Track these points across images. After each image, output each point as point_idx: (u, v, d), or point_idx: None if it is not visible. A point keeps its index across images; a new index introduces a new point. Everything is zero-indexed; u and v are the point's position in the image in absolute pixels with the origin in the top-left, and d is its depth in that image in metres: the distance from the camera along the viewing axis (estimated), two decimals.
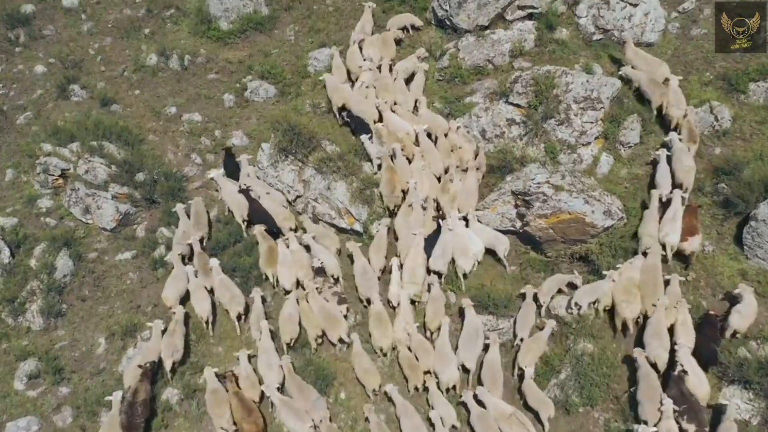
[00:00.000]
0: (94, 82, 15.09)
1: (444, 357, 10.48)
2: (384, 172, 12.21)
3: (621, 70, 13.00)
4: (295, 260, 11.54)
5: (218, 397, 10.09)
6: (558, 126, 12.46)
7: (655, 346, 9.94)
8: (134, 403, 9.99)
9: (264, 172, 13.05)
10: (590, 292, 10.80)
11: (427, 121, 12.76)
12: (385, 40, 14.46)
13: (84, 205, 12.64)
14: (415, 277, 11.23)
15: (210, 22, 15.90)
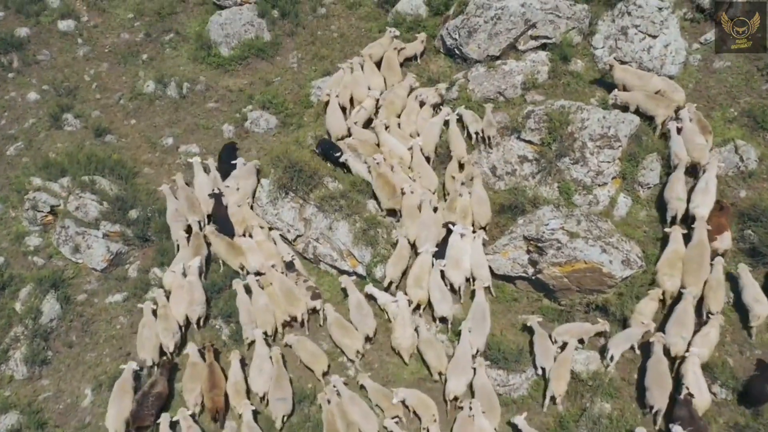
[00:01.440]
0: (88, 111, 14.52)
1: (458, 365, 10.21)
2: (375, 180, 11.95)
3: (611, 96, 12.31)
4: (264, 249, 11.62)
5: (194, 372, 10.20)
6: (573, 165, 11.79)
7: (673, 333, 9.88)
8: (148, 395, 9.95)
9: (263, 210, 12.42)
10: (625, 340, 10.18)
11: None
12: (390, 63, 13.89)
13: (74, 244, 12.04)
14: (420, 282, 11.01)
15: (210, 47, 15.35)
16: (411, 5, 15.00)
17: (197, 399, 10.07)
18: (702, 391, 9.47)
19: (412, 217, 11.72)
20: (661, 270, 10.50)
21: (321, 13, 15.66)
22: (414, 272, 11.20)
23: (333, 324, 10.85)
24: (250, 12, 15.52)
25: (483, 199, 11.83)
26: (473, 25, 13.56)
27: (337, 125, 12.95)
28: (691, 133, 11.52)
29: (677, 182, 11.09)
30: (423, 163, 12.49)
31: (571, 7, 13.44)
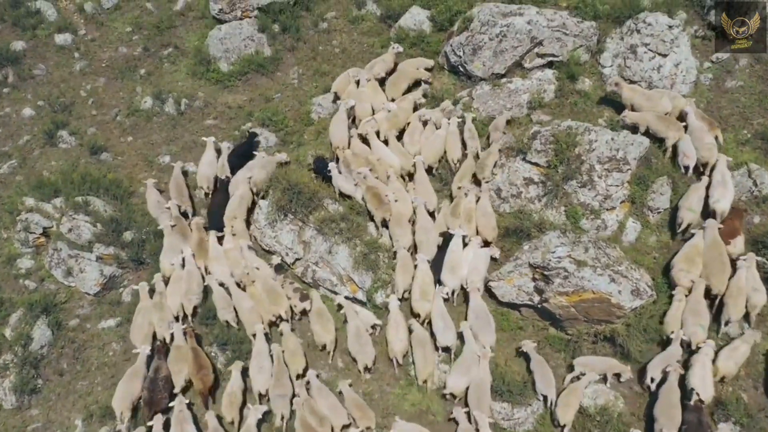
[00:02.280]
0: (84, 128, 14.19)
1: (463, 364, 10.18)
2: (365, 193, 11.79)
3: (622, 116, 12.02)
4: (230, 257, 11.53)
5: (179, 354, 10.35)
6: (580, 188, 11.43)
7: (691, 323, 9.90)
8: (156, 380, 10.09)
9: (261, 232, 12.08)
10: (663, 361, 9.84)
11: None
12: (396, 82, 13.61)
13: (66, 267, 11.70)
14: (427, 295, 10.87)
15: (209, 63, 15.01)
16: (414, 21, 14.66)
17: (184, 380, 10.22)
18: (706, 385, 9.40)
19: (400, 224, 11.53)
20: (677, 265, 10.41)
21: (322, 27, 15.32)
22: (418, 285, 10.99)
23: (314, 312, 10.98)
24: (250, 26, 15.18)
25: (488, 213, 11.54)
26: (478, 43, 13.22)
27: (339, 135, 12.68)
28: (699, 132, 11.37)
29: (694, 193, 10.94)
30: (424, 180, 12.22)
31: (578, 24, 13.09)
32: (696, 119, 11.60)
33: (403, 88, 13.64)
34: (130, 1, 16.60)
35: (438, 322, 10.65)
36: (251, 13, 15.31)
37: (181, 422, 9.70)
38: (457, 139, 12.50)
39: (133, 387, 10.11)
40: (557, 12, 13.29)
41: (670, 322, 10.09)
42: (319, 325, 10.85)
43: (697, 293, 10.13)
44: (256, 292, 11.12)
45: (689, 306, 10.06)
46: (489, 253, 11.27)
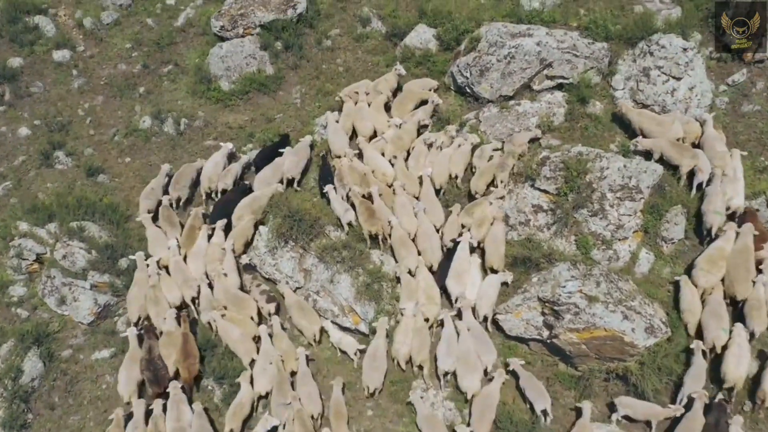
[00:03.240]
0: (81, 148, 13.84)
1: (468, 363, 9.99)
2: (358, 205, 11.67)
3: (633, 142, 11.66)
4: (209, 253, 11.47)
5: (170, 340, 10.43)
6: (591, 217, 11.02)
7: (713, 327, 9.70)
8: (152, 359, 10.21)
9: (261, 260, 11.70)
10: (695, 379, 9.50)
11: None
12: (402, 102, 13.31)
13: (59, 295, 11.35)
14: (434, 299, 10.76)
15: (210, 81, 14.66)
16: (420, 39, 14.29)
17: (172, 366, 10.22)
18: (740, 364, 9.28)
19: (405, 245, 11.26)
20: (698, 265, 10.24)
21: (326, 45, 14.96)
22: (423, 290, 10.84)
23: (293, 306, 10.92)
24: (252, 44, 14.82)
25: (499, 240, 11.17)
26: (485, 64, 12.84)
27: (338, 143, 12.70)
28: (712, 140, 11.23)
29: (715, 195, 10.65)
30: (432, 196, 11.88)
31: (589, 45, 12.70)
32: (713, 129, 11.43)
33: (410, 109, 13.29)
34: (130, 17, 16.28)
35: (442, 346, 10.35)
36: (253, 30, 14.97)
37: (178, 403, 9.82)
38: (465, 159, 12.16)
39: (135, 371, 10.22)
40: (567, 33, 12.91)
41: (691, 309, 10.07)
42: (305, 320, 10.83)
43: (717, 295, 9.98)
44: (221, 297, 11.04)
45: (709, 308, 9.88)
46: (500, 280, 10.89)
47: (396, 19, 14.82)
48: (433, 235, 11.36)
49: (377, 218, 11.44)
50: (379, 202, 11.67)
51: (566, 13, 13.47)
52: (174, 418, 9.71)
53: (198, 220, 11.94)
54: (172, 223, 12.01)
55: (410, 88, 13.49)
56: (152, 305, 10.91)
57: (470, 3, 14.65)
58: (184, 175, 12.66)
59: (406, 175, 12.21)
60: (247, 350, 10.50)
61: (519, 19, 13.49)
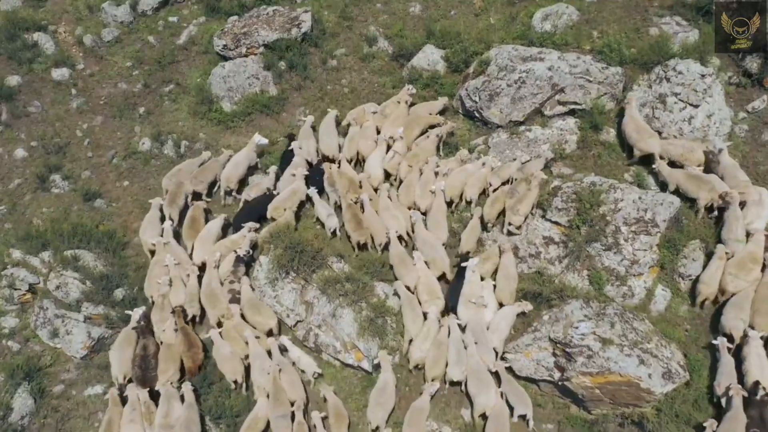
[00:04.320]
0: (78, 171, 13.47)
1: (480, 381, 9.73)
2: (345, 212, 11.67)
3: (654, 166, 11.26)
4: (224, 244, 11.59)
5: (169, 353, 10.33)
6: (605, 251, 10.57)
7: (732, 316, 9.55)
8: (146, 357, 10.19)
9: (261, 291, 11.29)
10: (727, 377, 9.19)
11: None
12: (409, 126, 12.87)
13: (52, 328, 10.97)
14: (435, 293, 10.68)
15: (212, 102, 14.27)
16: (428, 60, 13.87)
17: (172, 378, 10.08)
18: (765, 375, 8.98)
19: (405, 263, 10.98)
20: (727, 269, 9.89)
21: (331, 65, 14.55)
22: (423, 285, 10.78)
23: (245, 304, 10.89)
24: (255, 64, 14.43)
25: (511, 276, 10.74)
26: (495, 88, 12.42)
27: (327, 142, 12.88)
28: (732, 169, 10.82)
29: (735, 221, 10.21)
30: (441, 212, 11.59)
31: (603, 70, 12.25)
32: (728, 157, 11.00)
33: (416, 134, 12.88)
34: (131, 34, 15.91)
35: (452, 354, 10.12)
36: (257, 49, 14.58)
37: (169, 399, 9.83)
38: (481, 183, 11.77)
39: (127, 353, 10.35)
40: (580, 57, 12.47)
41: (708, 282, 9.92)
42: (259, 316, 10.79)
43: (747, 291, 9.75)
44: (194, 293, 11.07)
45: (732, 299, 9.72)
46: (515, 311, 10.47)
47: (403, 39, 14.40)
48: (435, 244, 11.22)
49: (365, 228, 11.36)
50: (370, 211, 11.56)
51: (579, 36, 13.02)
52: (163, 414, 9.71)
53: (199, 210, 12.08)
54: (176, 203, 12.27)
55: (416, 111, 13.09)
56: (158, 311, 10.84)
57: (479, 23, 14.23)
58: (208, 170, 12.70)
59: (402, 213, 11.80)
60: (233, 371, 10.29)
61: (530, 41, 13.05)
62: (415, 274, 10.90)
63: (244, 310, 10.87)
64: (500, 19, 14.19)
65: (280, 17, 14.86)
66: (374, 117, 13.03)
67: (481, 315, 10.44)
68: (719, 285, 9.99)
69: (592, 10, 13.51)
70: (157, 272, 11.23)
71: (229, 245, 11.57)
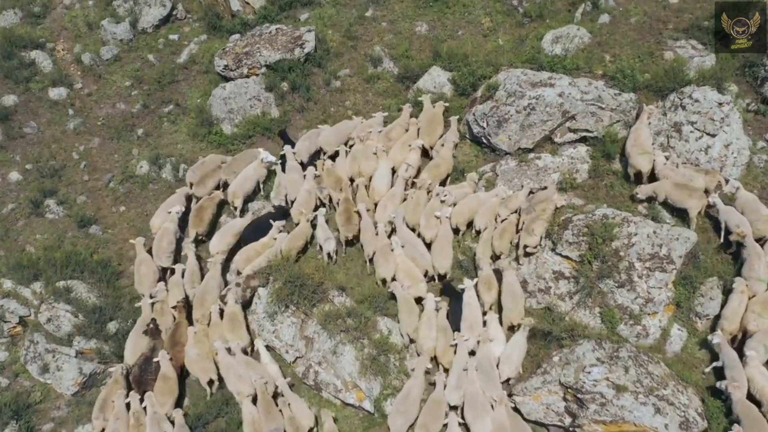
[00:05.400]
0: (73, 196, 13.10)
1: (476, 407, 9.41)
2: (340, 205, 11.79)
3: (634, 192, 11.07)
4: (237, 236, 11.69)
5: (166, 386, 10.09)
6: (618, 288, 10.12)
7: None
8: (150, 359, 10.19)
9: (259, 325, 10.88)
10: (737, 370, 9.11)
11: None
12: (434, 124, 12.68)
13: (42, 363, 10.61)
14: (417, 278, 10.71)
15: (212, 124, 13.89)
16: (434, 83, 13.46)
17: (169, 412, 9.84)
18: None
19: (410, 307, 10.54)
20: (750, 308, 9.59)
21: (335, 86, 14.14)
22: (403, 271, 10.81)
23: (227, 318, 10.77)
24: (256, 85, 14.04)
25: (517, 294, 10.43)
26: (503, 114, 11.99)
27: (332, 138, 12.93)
28: (753, 203, 10.41)
29: (757, 260, 9.80)
30: (447, 240, 11.19)
31: (615, 97, 11.82)
32: (746, 191, 10.62)
33: (439, 133, 12.67)
34: (131, 52, 15.54)
35: (452, 377, 9.79)
36: (258, 70, 14.18)
37: (158, 421, 9.65)
38: (491, 213, 11.35)
39: (142, 342, 10.49)
40: (592, 82, 12.04)
41: (731, 318, 9.53)
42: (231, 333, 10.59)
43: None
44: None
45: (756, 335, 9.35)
46: (525, 336, 10.11)
47: (409, 60, 14.00)
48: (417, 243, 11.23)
49: (354, 224, 11.44)
50: (367, 221, 11.46)
51: (591, 59, 12.58)
52: None
53: (212, 201, 12.09)
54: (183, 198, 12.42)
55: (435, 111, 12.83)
56: (158, 315, 10.82)
57: (488, 44, 13.82)
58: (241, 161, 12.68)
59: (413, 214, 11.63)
60: (204, 368, 10.22)
61: (540, 65, 12.60)
62: (423, 287, 10.71)
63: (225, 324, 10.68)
64: (509, 40, 13.76)
65: (282, 36, 14.47)
66: (378, 136, 12.71)
67: (488, 350, 10.00)
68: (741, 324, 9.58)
69: (603, 32, 13.06)
70: (145, 270, 11.30)
71: (260, 249, 11.43)
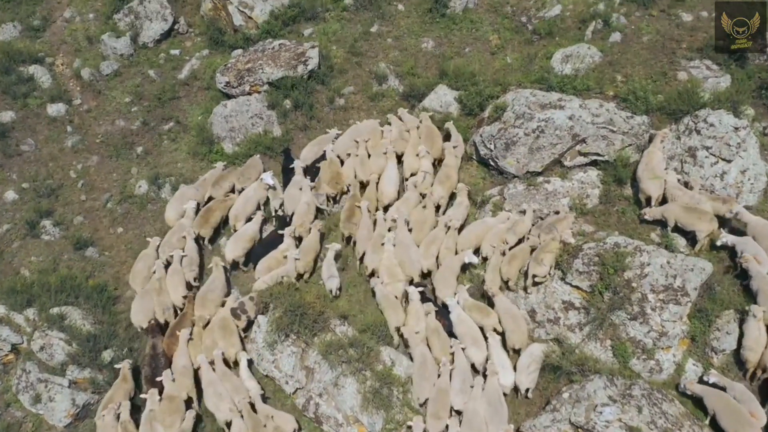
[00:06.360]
0: (70, 216, 12.78)
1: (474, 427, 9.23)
2: (348, 200, 11.81)
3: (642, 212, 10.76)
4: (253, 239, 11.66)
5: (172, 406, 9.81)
6: (630, 321, 9.75)
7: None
8: (156, 356, 10.16)
9: (258, 354, 10.55)
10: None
11: None
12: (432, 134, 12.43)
13: (35, 393, 10.27)
14: (396, 275, 10.71)
15: (212, 143, 13.57)
16: (440, 102, 13.13)
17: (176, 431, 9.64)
18: None
19: (390, 302, 10.53)
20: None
21: (339, 104, 13.82)
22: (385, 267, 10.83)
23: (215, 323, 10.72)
24: (258, 103, 13.73)
25: (516, 315, 10.14)
26: (511, 137, 11.65)
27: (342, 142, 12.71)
28: (764, 228, 9.98)
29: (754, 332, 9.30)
30: (451, 270, 10.85)
31: (627, 120, 11.47)
32: (751, 215, 10.25)
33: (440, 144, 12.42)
34: (131, 67, 15.26)
35: (456, 382, 9.68)
36: (261, 87, 13.87)
37: (151, 421, 9.53)
38: (501, 237, 10.99)
39: (148, 303, 10.74)
40: (603, 104, 11.68)
41: (754, 347, 9.15)
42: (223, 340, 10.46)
43: None
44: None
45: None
46: (542, 348, 9.90)
47: (414, 78, 13.68)
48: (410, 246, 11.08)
49: (355, 223, 11.42)
50: (366, 220, 11.42)
51: (602, 79, 12.23)
52: None
53: (222, 205, 12.03)
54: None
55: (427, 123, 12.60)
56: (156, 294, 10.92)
57: (495, 63, 13.48)
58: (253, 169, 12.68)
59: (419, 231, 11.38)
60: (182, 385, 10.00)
61: (549, 86, 12.25)
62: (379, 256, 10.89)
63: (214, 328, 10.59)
64: (517, 58, 13.42)
65: (286, 52, 14.16)
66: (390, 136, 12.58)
67: (495, 383, 9.64)
68: (762, 360, 9.21)
69: (615, 51, 12.72)
70: (141, 266, 11.34)
71: (280, 257, 11.24)
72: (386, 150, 12.14)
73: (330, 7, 15.26)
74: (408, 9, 14.95)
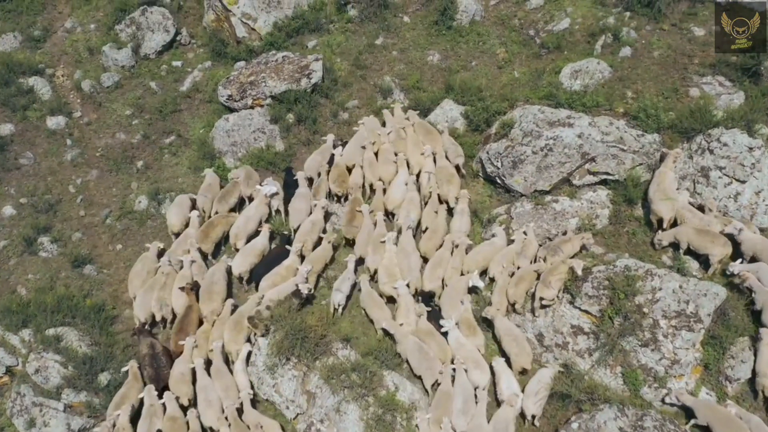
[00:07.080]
0: (68, 233, 12.56)
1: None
2: (350, 203, 11.88)
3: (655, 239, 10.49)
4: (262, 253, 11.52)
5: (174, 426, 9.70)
6: (641, 347, 9.45)
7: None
8: (156, 355, 10.13)
9: (258, 378, 10.28)
10: None
11: None
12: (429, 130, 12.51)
13: (29, 417, 10.03)
14: (394, 276, 10.62)
15: (214, 158, 13.34)
16: (446, 117, 12.87)
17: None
18: None
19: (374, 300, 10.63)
20: None
21: (343, 118, 13.58)
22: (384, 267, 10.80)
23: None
24: (261, 117, 13.49)
25: (519, 336, 9.94)
26: (519, 155, 11.38)
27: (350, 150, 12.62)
28: (764, 243, 9.75)
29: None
30: (457, 291, 10.63)
31: (638, 138, 11.18)
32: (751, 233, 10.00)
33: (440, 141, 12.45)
34: (132, 79, 15.05)
35: (458, 402, 9.47)
36: (263, 101, 13.63)
37: (151, 416, 9.54)
38: (509, 259, 10.73)
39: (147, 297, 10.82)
40: (613, 122, 11.40)
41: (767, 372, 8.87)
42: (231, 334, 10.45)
43: None
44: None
45: None
46: (551, 373, 9.59)
47: (420, 92, 13.43)
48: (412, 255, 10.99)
49: (356, 227, 11.45)
50: (367, 223, 11.47)
51: (611, 96, 11.94)
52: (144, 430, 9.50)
53: (225, 219, 11.91)
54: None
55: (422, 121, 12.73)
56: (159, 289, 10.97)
57: (503, 77, 13.21)
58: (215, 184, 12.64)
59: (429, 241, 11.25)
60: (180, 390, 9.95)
61: (558, 102, 11.97)
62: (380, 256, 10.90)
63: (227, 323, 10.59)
64: (525, 72, 13.15)
65: (289, 65, 13.92)
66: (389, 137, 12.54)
67: (505, 412, 9.36)
68: None
69: (625, 66, 12.43)
70: (139, 269, 11.31)
71: (284, 273, 11.03)
72: (396, 158, 12.15)
73: (334, 19, 15.02)
74: (414, 21, 14.71)
